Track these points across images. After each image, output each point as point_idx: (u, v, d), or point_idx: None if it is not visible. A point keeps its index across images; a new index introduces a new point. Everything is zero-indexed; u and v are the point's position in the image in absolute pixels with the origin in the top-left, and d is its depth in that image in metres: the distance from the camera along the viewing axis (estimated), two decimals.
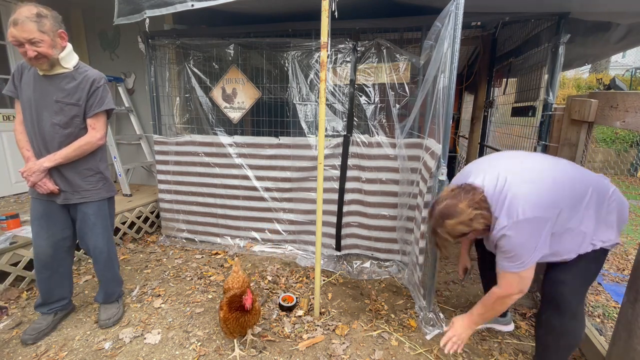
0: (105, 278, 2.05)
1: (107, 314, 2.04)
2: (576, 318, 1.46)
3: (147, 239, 3.33)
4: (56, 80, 1.72)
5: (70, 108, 1.75)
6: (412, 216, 2.43)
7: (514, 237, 1.27)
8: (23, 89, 1.74)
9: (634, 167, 7.47)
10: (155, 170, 3.31)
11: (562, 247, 1.38)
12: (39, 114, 1.73)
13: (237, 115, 3.01)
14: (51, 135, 1.75)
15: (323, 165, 1.91)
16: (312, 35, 2.61)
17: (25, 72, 1.74)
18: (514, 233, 1.27)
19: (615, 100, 1.59)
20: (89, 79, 1.77)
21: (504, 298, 1.41)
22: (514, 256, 1.30)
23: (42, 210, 1.84)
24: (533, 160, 1.45)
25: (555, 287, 1.46)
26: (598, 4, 2.01)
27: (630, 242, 3.65)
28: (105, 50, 3.99)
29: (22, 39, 1.55)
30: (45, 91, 1.72)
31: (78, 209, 1.88)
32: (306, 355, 1.80)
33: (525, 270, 1.31)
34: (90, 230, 1.91)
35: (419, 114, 2.39)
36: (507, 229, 1.27)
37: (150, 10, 2.18)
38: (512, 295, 1.39)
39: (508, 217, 1.27)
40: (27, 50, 1.58)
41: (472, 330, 1.55)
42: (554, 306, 1.47)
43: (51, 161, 1.74)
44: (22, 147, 1.79)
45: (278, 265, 2.80)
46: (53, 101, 1.72)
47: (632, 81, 8.43)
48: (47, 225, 1.85)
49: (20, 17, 1.53)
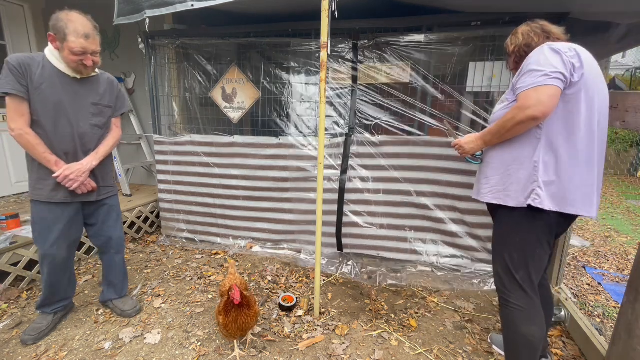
0: (122, 269, 2.12)
1: (128, 304, 2.12)
2: (507, 306, 1.42)
3: (147, 239, 3.33)
4: (88, 83, 1.78)
5: (108, 110, 1.89)
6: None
7: (538, 54, 1.27)
8: (44, 91, 1.63)
9: (634, 167, 7.48)
10: (155, 170, 3.31)
11: (515, 169, 1.35)
12: (76, 116, 1.74)
13: (237, 115, 3.01)
14: (90, 137, 1.81)
15: (323, 165, 1.91)
16: (312, 35, 2.61)
17: (36, 72, 1.62)
18: (538, 52, 1.28)
19: (615, 100, 1.58)
20: (112, 82, 1.93)
21: (518, 110, 1.27)
22: (535, 70, 1.24)
23: (66, 215, 1.81)
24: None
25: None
26: (598, 4, 2.01)
27: (630, 242, 3.65)
28: (105, 50, 3.99)
29: (90, 51, 1.64)
30: (78, 94, 1.74)
31: (103, 203, 1.95)
32: (306, 355, 1.80)
33: (545, 87, 1.20)
34: (115, 221, 2.03)
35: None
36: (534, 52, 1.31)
37: (150, 10, 2.18)
38: (526, 109, 1.23)
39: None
40: (87, 59, 1.65)
41: (476, 144, 1.52)
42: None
43: (97, 159, 1.82)
44: (44, 151, 1.67)
45: (278, 265, 2.80)
46: (90, 104, 1.79)
47: (632, 81, 8.42)
48: (70, 228, 1.84)
49: (89, 31, 1.62)
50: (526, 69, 1.27)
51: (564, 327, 2.01)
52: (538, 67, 1.23)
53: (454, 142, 1.65)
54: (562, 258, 2.09)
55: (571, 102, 1.25)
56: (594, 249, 3.45)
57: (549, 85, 1.20)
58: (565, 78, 1.21)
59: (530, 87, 1.23)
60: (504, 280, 1.43)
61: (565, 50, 1.22)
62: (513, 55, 1.49)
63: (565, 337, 1.94)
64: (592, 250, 3.39)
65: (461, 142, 1.60)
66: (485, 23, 2.32)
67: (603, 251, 3.38)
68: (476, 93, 2.46)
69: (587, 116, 1.25)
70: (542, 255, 1.37)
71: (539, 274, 1.41)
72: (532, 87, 1.22)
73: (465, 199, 2.48)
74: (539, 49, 1.28)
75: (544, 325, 1.41)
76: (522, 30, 1.44)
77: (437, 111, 2.47)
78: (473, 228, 2.55)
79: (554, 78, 1.20)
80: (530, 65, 1.26)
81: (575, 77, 1.22)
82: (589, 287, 2.64)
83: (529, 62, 1.28)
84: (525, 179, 1.32)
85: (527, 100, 1.23)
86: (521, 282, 1.38)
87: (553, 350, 1.83)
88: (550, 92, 1.20)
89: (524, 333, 1.38)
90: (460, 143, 1.61)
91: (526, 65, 1.28)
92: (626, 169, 7.58)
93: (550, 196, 1.29)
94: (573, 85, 1.23)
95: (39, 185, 1.74)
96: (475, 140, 1.53)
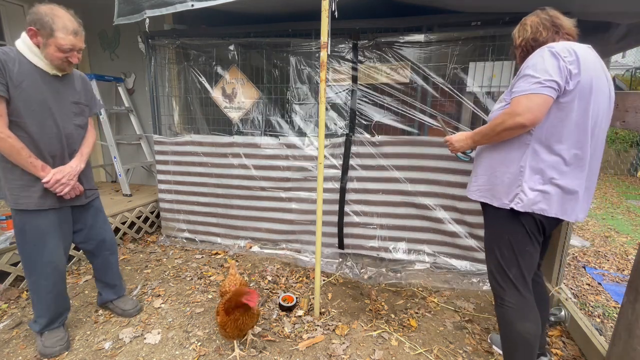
0: (116, 270, 2.09)
1: (129, 304, 2.11)
2: (502, 304, 1.43)
3: (147, 239, 3.33)
4: (66, 81, 1.69)
5: (86, 109, 1.81)
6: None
7: (537, 57, 1.26)
8: (26, 90, 1.51)
9: (634, 167, 7.48)
10: (155, 170, 3.31)
11: (500, 169, 1.37)
12: (61, 116, 1.65)
13: (237, 115, 3.01)
14: (74, 138, 1.74)
15: (323, 165, 1.91)
16: (312, 35, 2.61)
17: (13, 69, 1.48)
18: (538, 54, 1.27)
19: (615, 100, 1.58)
20: (85, 79, 1.82)
21: (507, 115, 1.27)
22: (530, 75, 1.23)
23: (58, 219, 1.72)
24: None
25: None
26: (598, 4, 2.01)
27: (630, 242, 3.65)
28: (105, 51, 3.99)
29: (77, 48, 1.60)
30: (59, 92, 1.65)
31: (90, 205, 1.89)
32: (306, 355, 1.80)
33: (536, 95, 1.20)
34: (104, 222, 1.99)
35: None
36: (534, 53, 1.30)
37: (150, 10, 2.18)
38: (516, 116, 1.23)
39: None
40: (73, 56, 1.59)
41: (466, 143, 1.55)
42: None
43: (83, 161, 1.77)
44: (29, 155, 1.54)
45: (278, 265, 2.80)
46: (71, 103, 1.70)
47: (632, 81, 8.42)
48: (64, 233, 1.78)
49: (77, 28, 1.58)
50: (523, 72, 1.27)
51: (564, 327, 2.01)
52: (533, 73, 1.22)
53: (445, 139, 1.68)
54: (562, 258, 2.09)
55: (564, 110, 1.24)
56: (594, 249, 3.45)
57: (540, 94, 1.20)
58: (558, 87, 1.20)
59: (523, 93, 1.23)
60: (497, 278, 1.45)
61: (565, 55, 1.20)
62: (519, 49, 1.45)
63: (565, 337, 1.94)
64: (592, 250, 3.39)
65: (452, 139, 1.63)
66: (485, 23, 2.32)
67: (603, 251, 3.38)
68: (476, 93, 2.45)
69: (579, 124, 1.25)
70: (532, 252, 1.39)
71: (531, 271, 1.42)
72: (524, 94, 1.22)
73: (465, 199, 2.48)
74: (540, 51, 1.26)
75: (538, 321, 1.42)
76: (531, 22, 1.40)
77: (437, 111, 2.47)
78: (473, 228, 2.55)
79: (547, 87, 1.19)
80: (527, 69, 1.25)
81: (570, 85, 1.21)
82: (589, 287, 2.64)
83: (527, 64, 1.27)
84: (510, 182, 1.34)
85: (517, 107, 1.23)
86: (514, 279, 1.40)
87: (553, 350, 1.83)
88: (540, 100, 1.20)
89: (519, 330, 1.39)
90: (450, 140, 1.64)
91: (524, 68, 1.27)
92: (626, 169, 7.58)
93: (532, 201, 1.30)
94: (567, 94, 1.22)
95: (25, 193, 1.60)
96: (465, 139, 1.56)
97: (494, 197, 1.40)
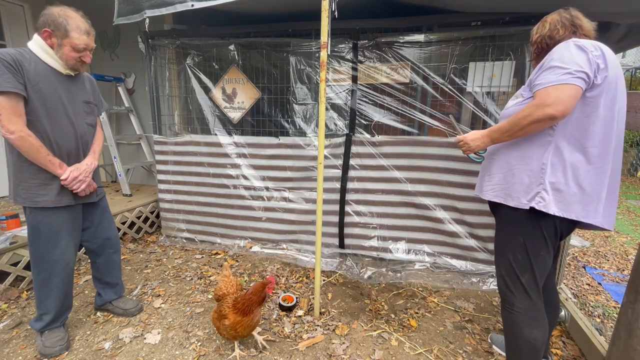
0: (119, 269, 2.11)
1: (129, 303, 2.12)
2: (511, 310, 1.39)
3: (147, 239, 3.33)
4: (77, 81, 1.74)
5: (95, 109, 1.86)
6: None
7: (563, 50, 1.21)
8: (42, 90, 1.55)
9: (634, 167, 7.48)
10: (155, 170, 3.31)
11: (519, 168, 1.30)
12: (75, 115, 1.70)
13: (237, 115, 3.01)
14: (89, 136, 1.80)
15: (323, 165, 1.91)
16: (312, 35, 2.61)
17: (29, 69, 1.52)
18: (562, 47, 1.22)
19: None
20: (92, 80, 1.88)
21: (535, 107, 1.20)
22: (558, 66, 1.17)
23: (71, 217, 1.75)
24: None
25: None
26: (598, 4, 2.01)
27: (630, 242, 3.65)
28: (105, 50, 3.99)
29: (90, 47, 1.65)
30: (72, 92, 1.70)
31: (98, 204, 1.92)
32: (306, 355, 1.80)
33: (567, 85, 1.15)
34: (109, 221, 2.01)
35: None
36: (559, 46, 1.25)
37: (150, 10, 2.18)
38: (545, 107, 1.16)
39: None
40: (86, 55, 1.64)
41: (482, 141, 1.45)
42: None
43: (96, 159, 1.81)
44: (47, 153, 1.58)
45: (278, 265, 2.80)
46: (82, 102, 1.75)
47: (632, 81, 8.42)
48: (76, 231, 1.81)
49: (88, 28, 1.62)
50: (548, 65, 1.21)
51: (564, 327, 2.01)
52: (562, 64, 1.16)
53: (459, 138, 1.56)
54: (562, 258, 2.09)
55: (590, 105, 1.19)
56: (594, 249, 3.45)
57: (571, 84, 1.14)
58: (588, 79, 1.15)
59: (552, 84, 1.16)
60: (508, 283, 1.39)
61: (591, 49, 1.16)
62: (535, 45, 1.40)
63: (565, 337, 1.94)
64: (592, 250, 3.40)
65: (466, 138, 1.51)
66: (485, 23, 2.33)
67: (603, 251, 3.38)
68: (476, 93, 2.46)
69: (605, 121, 1.20)
70: (545, 257, 1.33)
71: (543, 276, 1.37)
72: (553, 85, 1.16)
73: (465, 199, 2.49)
74: (564, 44, 1.21)
75: (547, 328, 1.38)
76: (551, 19, 1.35)
77: (437, 111, 2.47)
78: (473, 228, 2.55)
79: (578, 77, 1.14)
80: (553, 61, 1.19)
81: (598, 79, 1.16)
82: (589, 287, 2.64)
83: (552, 57, 1.21)
84: (530, 181, 1.28)
85: (546, 98, 1.16)
86: (526, 285, 1.34)
87: (553, 350, 1.83)
88: (572, 91, 1.14)
89: (527, 336, 1.34)
90: (465, 139, 1.51)
91: (548, 61, 1.21)
92: (626, 169, 7.58)
93: (555, 200, 1.24)
94: (595, 88, 1.17)
95: (42, 191, 1.63)
96: (481, 137, 1.45)
97: (510, 197, 1.33)
